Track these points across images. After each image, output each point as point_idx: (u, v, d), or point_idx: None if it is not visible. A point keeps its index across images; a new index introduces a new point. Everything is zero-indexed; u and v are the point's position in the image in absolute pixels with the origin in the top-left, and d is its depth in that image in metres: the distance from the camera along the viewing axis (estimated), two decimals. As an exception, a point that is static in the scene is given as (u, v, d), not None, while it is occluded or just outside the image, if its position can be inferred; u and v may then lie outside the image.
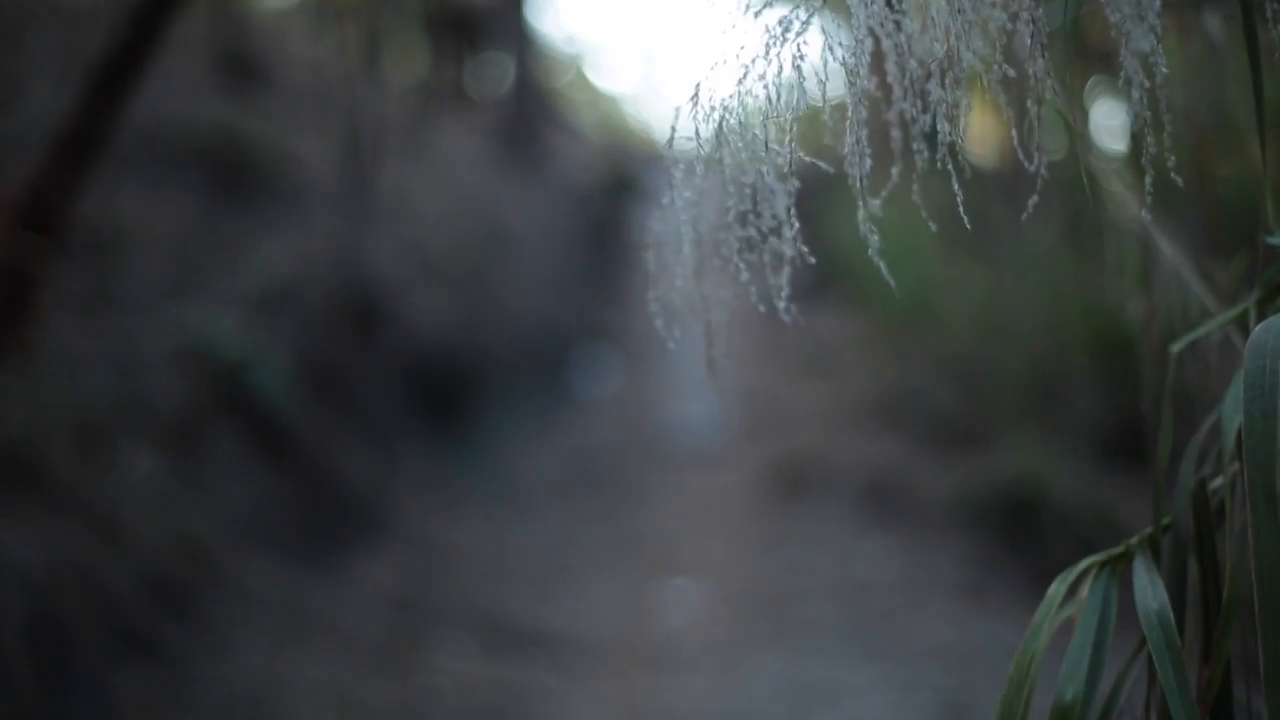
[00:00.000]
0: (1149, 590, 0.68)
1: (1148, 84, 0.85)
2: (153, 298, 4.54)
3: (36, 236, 3.11)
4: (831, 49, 0.80)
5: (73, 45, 3.74)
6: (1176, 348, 0.84)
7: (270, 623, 3.66)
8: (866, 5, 0.75)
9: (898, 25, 0.77)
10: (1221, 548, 0.71)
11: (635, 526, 5.81)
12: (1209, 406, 0.83)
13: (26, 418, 3.35)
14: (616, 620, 4.48)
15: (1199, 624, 0.71)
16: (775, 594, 4.34)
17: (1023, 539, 4.96)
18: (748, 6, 0.85)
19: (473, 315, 6.72)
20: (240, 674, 3.32)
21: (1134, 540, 0.72)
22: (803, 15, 0.79)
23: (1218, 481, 0.74)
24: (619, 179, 15.59)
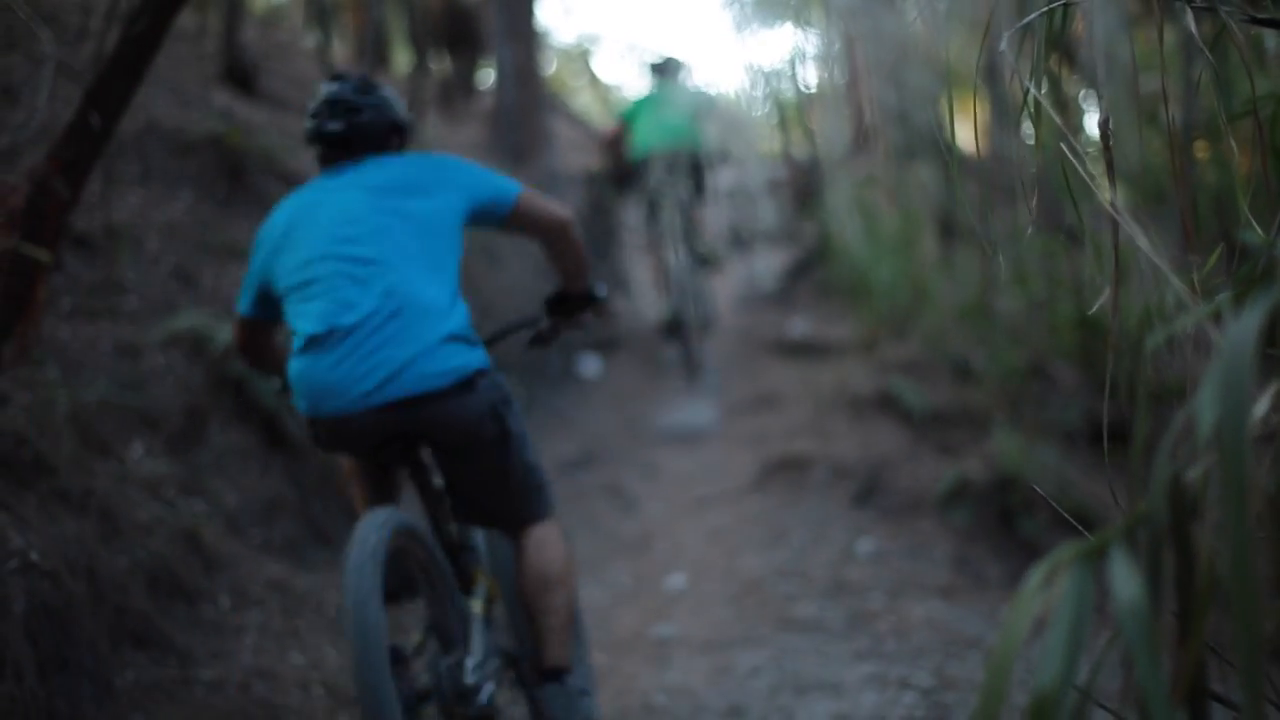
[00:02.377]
0: (1125, 580, 0.69)
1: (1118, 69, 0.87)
2: (151, 294, 4.55)
3: (37, 235, 3.12)
4: (807, 37, 0.81)
5: (72, 46, 3.75)
6: (1152, 342, 0.85)
7: (266, 614, 3.68)
8: None
9: (872, 17, 0.79)
10: (1196, 537, 0.72)
11: (624, 528, 5.82)
12: (1186, 400, 0.84)
13: (28, 412, 3.37)
14: (607, 618, 4.50)
15: (1175, 613, 0.72)
16: (766, 590, 4.35)
17: (1016, 535, 4.98)
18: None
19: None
20: (236, 664, 3.34)
21: (1110, 531, 0.74)
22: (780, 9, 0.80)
23: (1193, 473, 0.75)
24: (617, 166, 15.55)
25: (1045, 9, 1.44)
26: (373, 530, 2.45)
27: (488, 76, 13.02)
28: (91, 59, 3.45)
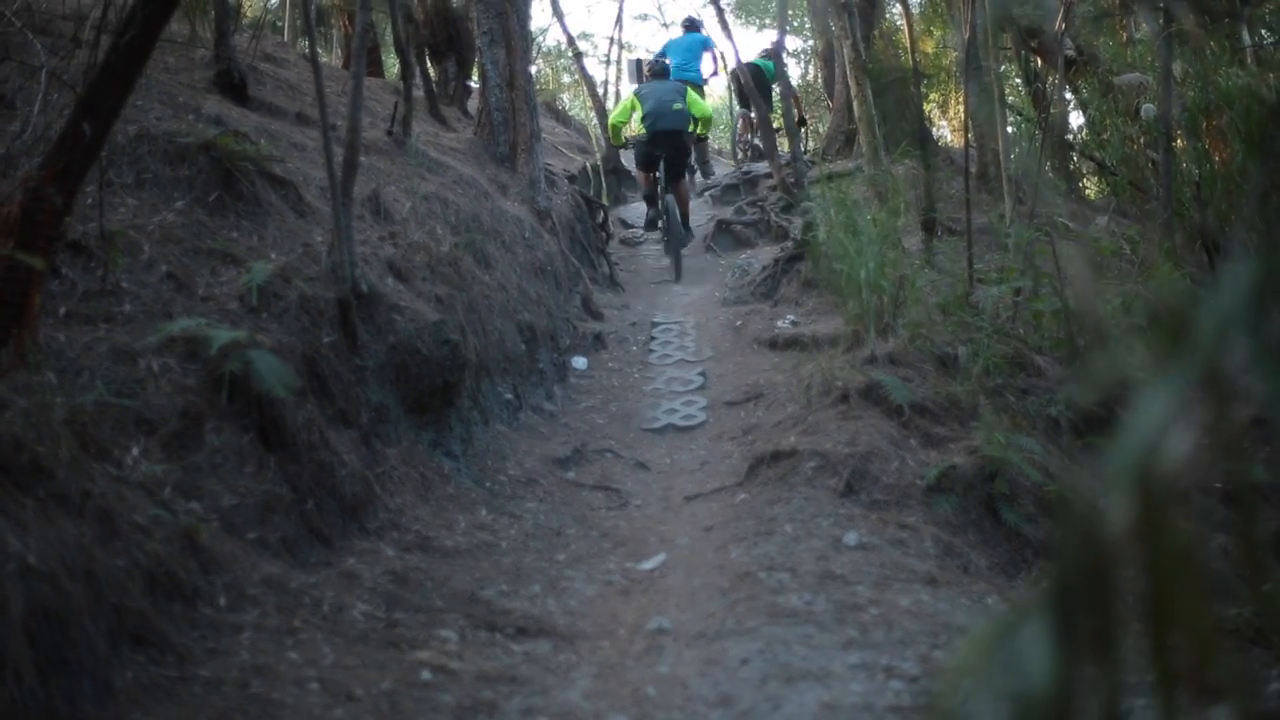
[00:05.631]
0: (1031, 659, 0.68)
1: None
2: (146, 299, 4.59)
3: (32, 242, 3.17)
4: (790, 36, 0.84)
5: (65, 56, 3.79)
6: (1112, 341, 0.86)
7: (263, 613, 3.73)
8: None
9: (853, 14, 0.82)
10: (1115, 596, 0.71)
11: (614, 524, 5.87)
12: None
13: (25, 416, 3.42)
14: (601, 612, 4.55)
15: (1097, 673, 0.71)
16: (755, 582, 4.41)
17: (1001, 524, 5.04)
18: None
19: (457, 309, 6.77)
20: (233, 663, 3.39)
21: (1031, 594, 0.73)
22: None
23: (1112, 525, 0.74)
24: (609, 164, 15.81)
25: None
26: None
27: (473, 75, 13.09)
28: (83, 68, 3.49)
